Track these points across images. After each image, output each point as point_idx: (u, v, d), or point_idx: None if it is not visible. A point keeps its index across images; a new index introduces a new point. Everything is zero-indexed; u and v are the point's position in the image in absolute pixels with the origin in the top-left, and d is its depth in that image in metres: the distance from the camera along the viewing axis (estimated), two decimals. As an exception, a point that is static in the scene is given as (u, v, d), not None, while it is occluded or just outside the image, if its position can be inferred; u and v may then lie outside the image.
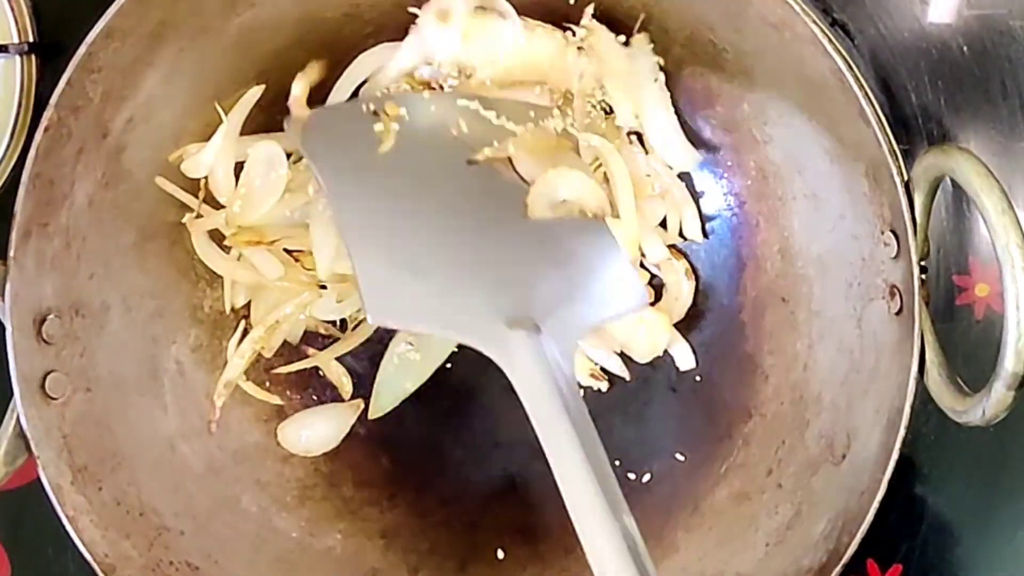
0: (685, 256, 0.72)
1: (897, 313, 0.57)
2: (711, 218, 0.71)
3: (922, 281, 0.55)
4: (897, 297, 0.57)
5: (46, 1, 0.72)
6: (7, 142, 0.70)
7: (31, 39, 0.72)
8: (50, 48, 0.72)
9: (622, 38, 0.67)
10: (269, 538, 0.68)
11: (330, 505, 0.71)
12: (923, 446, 0.69)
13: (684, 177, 0.71)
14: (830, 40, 0.57)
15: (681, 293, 0.71)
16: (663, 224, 0.71)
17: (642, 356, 0.71)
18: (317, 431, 0.71)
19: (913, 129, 0.70)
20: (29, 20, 0.72)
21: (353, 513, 0.71)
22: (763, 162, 0.68)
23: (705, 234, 0.71)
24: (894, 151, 0.55)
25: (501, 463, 0.74)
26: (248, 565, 0.66)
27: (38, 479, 0.58)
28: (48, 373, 0.60)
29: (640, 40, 0.67)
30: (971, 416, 0.51)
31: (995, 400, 0.49)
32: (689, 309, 0.71)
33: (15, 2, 0.71)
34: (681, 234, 0.71)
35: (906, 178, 0.55)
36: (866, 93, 0.56)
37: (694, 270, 0.72)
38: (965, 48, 0.70)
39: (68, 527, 0.58)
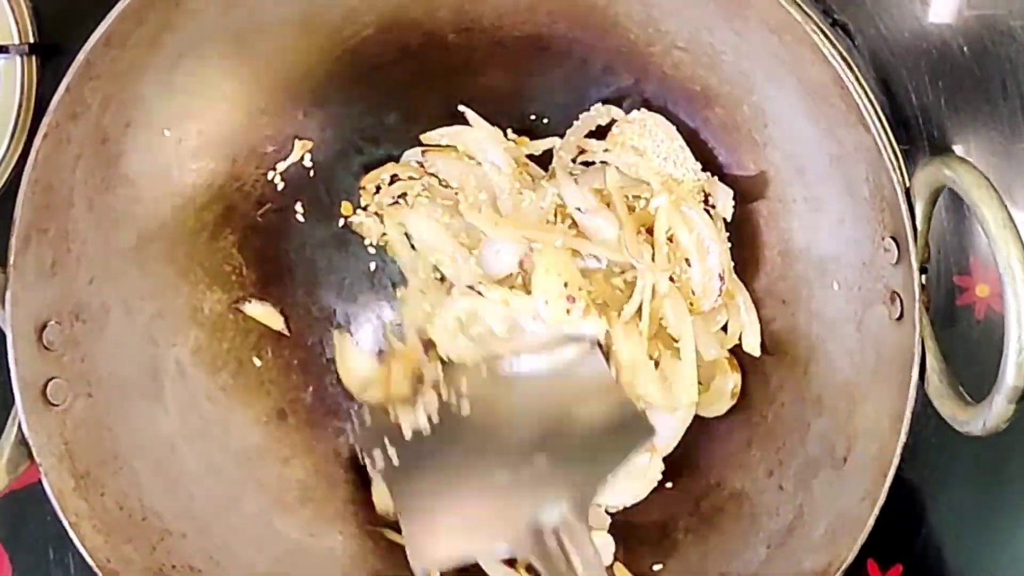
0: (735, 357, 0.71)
1: (898, 319, 0.57)
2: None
3: (922, 286, 0.54)
4: (898, 303, 0.57)
5: (46, 2, 0.72)
6: (7, 143, 0.70)
7: (31, 40, 0.71)
8: (50, 49, 0.72)
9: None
10: (270, 540, 0.68)
11: (331, 506, 0.71)
12: (924, 449, 0.69)
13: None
14: (831, 43, 0.56)
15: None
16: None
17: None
18: None
19: (913, 130, 0.70)
20: (29, 21, 0.72)
21: (354, 514, 0.71)
22: (763, 164, 0.68)
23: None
24: (894, 158, 0.55)
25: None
26: (249, 567, 0.66)
27: (40, 481, 0.58)
28: (49, 380, 0.59)
29: None
30: (972, 427, 0.51)
31: (995, 412, 0.50)
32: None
33: (15, 2, 0.71)
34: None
35: (907, 185, 0.55)
36: (867, 98, 0.56)
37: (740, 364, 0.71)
38: (965, 48, 0.70)
39: (70, 533, 0.58)
